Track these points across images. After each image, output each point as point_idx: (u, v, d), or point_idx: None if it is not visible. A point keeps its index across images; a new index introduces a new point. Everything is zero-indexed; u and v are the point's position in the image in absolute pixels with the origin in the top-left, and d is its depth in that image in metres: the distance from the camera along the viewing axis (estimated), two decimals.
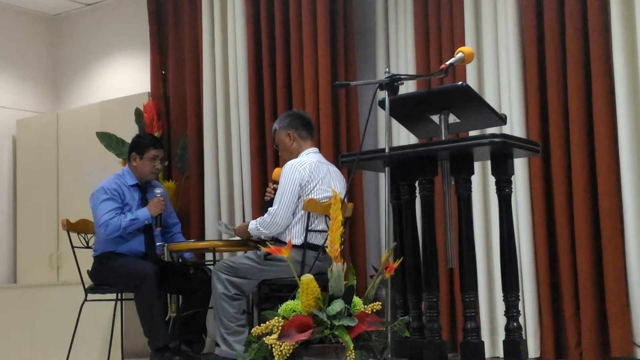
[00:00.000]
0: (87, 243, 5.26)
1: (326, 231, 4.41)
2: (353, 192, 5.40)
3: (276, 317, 2.81)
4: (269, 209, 4.60)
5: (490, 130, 4.42)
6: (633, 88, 4.62)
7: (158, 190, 5.13)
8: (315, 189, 4.54)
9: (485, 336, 4.77)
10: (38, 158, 7.01)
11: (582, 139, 4.74)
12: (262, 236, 4.62)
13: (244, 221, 5.75)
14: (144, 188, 5.18)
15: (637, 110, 4.63)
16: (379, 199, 5.61)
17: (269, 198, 4.84)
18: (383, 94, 3.47)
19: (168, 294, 5.52)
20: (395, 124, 4.52)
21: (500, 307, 4.27)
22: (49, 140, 6.96)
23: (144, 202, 5.12)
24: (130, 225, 4.98)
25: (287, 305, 2.85)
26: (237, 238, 4.97)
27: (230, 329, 4.51)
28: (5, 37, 7.27)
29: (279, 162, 5.44)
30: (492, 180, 3.83)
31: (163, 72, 6.42)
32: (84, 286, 5.10)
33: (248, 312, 5.15)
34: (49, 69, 7.59)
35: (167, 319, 5.44)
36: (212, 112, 6.04)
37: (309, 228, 4.48)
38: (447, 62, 3.62)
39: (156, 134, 6.02)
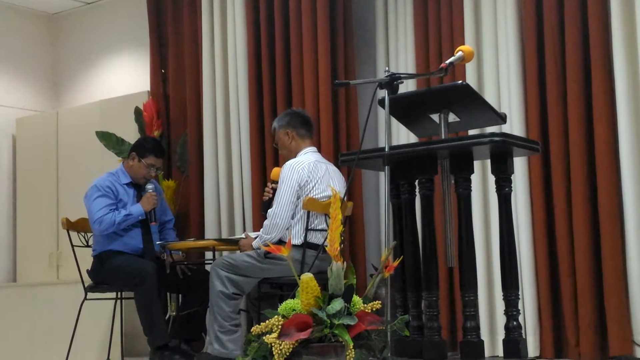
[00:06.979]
0: (87, 242, 5.26)
1: (326, 230, 4.40)
2: (353, 191, 5.39)
3: (276, 316, 2.81)
4: (269, 210, 4.59)
5: (490, 129, 4.43)
6: (633, 87, 4.62)
7: (149, 186, 5.13)
8: (314, 188, 4.53)
9: (484, 335, 4.75)
10: (38, 157, 7.01)
11: (582, 137, 4.74)
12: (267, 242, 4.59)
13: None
14: (138, 185, 5.19)
15: (638, 109, 4.63)
16: (379, 198, 5.61)
17: (267, 197, 4.83)
18: (383, 93, 3.47)
19: (168, 293, 5.52)
20: (395, 122, 4.52)
21: (500, 306, 4.26)
22: (48, 138, 6.96)
23: (139, 199, 5.12)
24: (125, 220, 4.99)
25: (287, 304, 2.85)
26: (238, 236, 4.97)
27: (224, 328, 4.50)
28: (4, 35, 7.27)
29: (278, 160, 5.44)
30: (491, 179, 3.83)
31: (163, 70, 6.42)
32: (83, 285, 5.10)
33: (247, 311, 5.14)
34: (49, 68, 7.58)
35: (167, 317, 5.45)
36: (211, 111, 6.03)
37: (309, 227, 4.47)
38: (447, 61, 3.63)
39: (156, 133, 6.02)
